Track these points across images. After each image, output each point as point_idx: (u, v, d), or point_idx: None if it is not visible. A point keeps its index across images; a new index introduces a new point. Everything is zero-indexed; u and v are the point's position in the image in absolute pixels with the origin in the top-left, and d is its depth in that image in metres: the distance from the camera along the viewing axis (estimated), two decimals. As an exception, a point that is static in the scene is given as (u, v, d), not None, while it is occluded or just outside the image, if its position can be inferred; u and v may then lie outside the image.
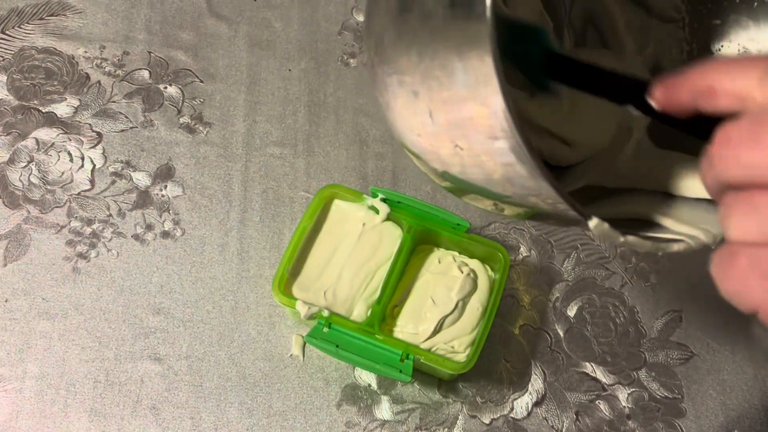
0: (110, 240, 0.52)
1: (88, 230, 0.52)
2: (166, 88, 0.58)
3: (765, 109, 0.20)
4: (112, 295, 0.50)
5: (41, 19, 0.60)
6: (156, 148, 0.56)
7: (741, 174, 0.20)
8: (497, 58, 0.23)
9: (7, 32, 0.59)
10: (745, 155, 0.20)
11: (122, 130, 0.56)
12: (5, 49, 0.58)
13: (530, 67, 0.35)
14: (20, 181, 0.53)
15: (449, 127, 0.28)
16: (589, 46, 0.41)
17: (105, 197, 0.53)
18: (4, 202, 0.52)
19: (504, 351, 0.50)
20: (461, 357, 0.45)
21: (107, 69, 0.58)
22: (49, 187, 0.53)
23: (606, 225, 0.26)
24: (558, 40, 0.40)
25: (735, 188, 0.21)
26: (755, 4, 0.35)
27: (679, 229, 0.31)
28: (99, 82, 0.57)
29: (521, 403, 0.49)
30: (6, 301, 0.49)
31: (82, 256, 0.51)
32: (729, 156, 0.21)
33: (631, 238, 0.27)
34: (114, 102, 0.57)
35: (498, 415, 0.48)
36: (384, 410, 0.48)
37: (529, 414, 0.49)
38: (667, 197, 0.37)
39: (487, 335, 0.45)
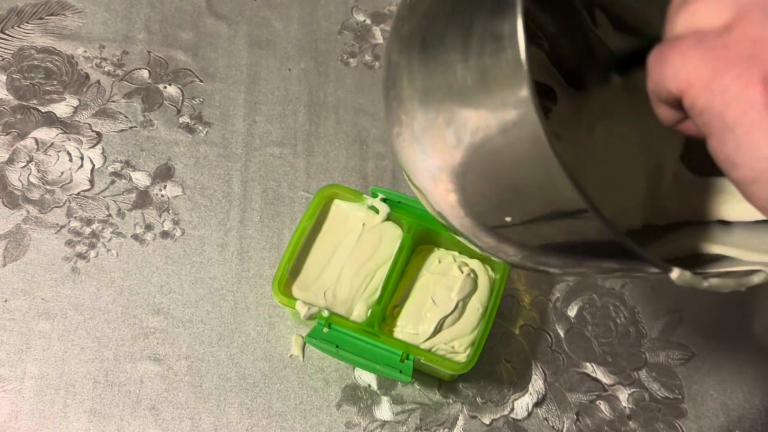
0: (110, 240, 0.52)
1: (87, 230, 0.52)
2: (165, 87, 0.58)
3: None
4: (112, 296, 0.50)
5: (41, 18, 0.60)
6: (155, 147, 0.55)
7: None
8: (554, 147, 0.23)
9: (6, 32, 0.59)
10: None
11: (122, 130, 0.56)
12: (5, 48, 0.58)
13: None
14: (19, 181, 0.53)
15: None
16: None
17: (104, 197, 0.53)
18: (3, 202, 0.52)
19: (504, 351, 0.50)
20: (461, 357, 0.45)
21: (107, 68, 0.58)
22: (48, 187, 0.53)
23: (688, 274, 0.26)
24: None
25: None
26: None
27: (749, 257, 0.31)
28: (98, 81, 0.57)
29: (522, 404, 0.49)
30: (5, 301, 0.49)
31: (81, 256, 0.51)
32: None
33: (714, 281, 0.26)
34: (113, 102, 0.57)
35: (498, 416, 0.48)
36: (384, 411, 0.48)
37: (529, 414, 0.49)
38: (724, 225, 0.35)
39: (488, 335, 0.44)
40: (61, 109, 0.56)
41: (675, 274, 0.26)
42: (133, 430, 0.46)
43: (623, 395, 0.50)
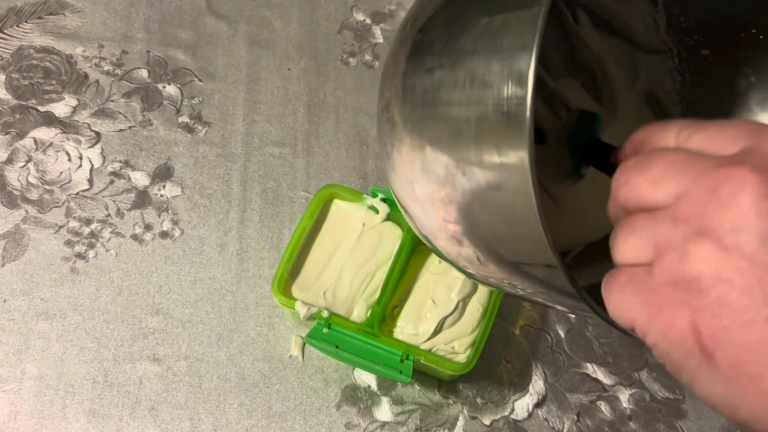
0: (109, 240, 0.52)
1: (86, 230, 0.52)
2: (164, 87, 0.58)
3: (662, 149, 0.23)
4: (111, 296, 0.50)
5: (40, 18, 0.60)
6: (155, 147, 0.55)
7: (627, 196, 0.23)
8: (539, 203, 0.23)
9: (5, 31, 0.59)
10: (633, 179, 0.22)
11: (121, 130, 0.56)
12: (3, 48, 0.58)
13: (574, 152, 0.35)
14: (18, 180, 0.53)
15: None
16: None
17: (103, 197, 0.53)
18: (2, 202, 0.52)
19: (505, 352, 0.50)
20: (462, 358, 0.45)
21: (106, 68, 0.58)
22: (47, 187, 0.53)
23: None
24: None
25: (627, 213, 0.23)
26: (741, 34, 0.35)
27: None
28: (97, 81, 0.57)
29: (522, 404, 0.49)
30: (4, 301, 0.49)
31: (80, 256, 0.51)
32: (621, 180, 0.23)
33: None
34: (112, 101, 0.57)
35: (498, 416, 0.48)
36: (384, 411, 0.48)
37: (529, 415, 0.49)
38: None
39: (488, 336, 0.44)
40: (60, 108, 0.56)
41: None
42: (132, 431, 0.46)
43: (624, 396, 0.49)
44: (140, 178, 0.54)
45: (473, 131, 0.25)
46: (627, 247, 0.22)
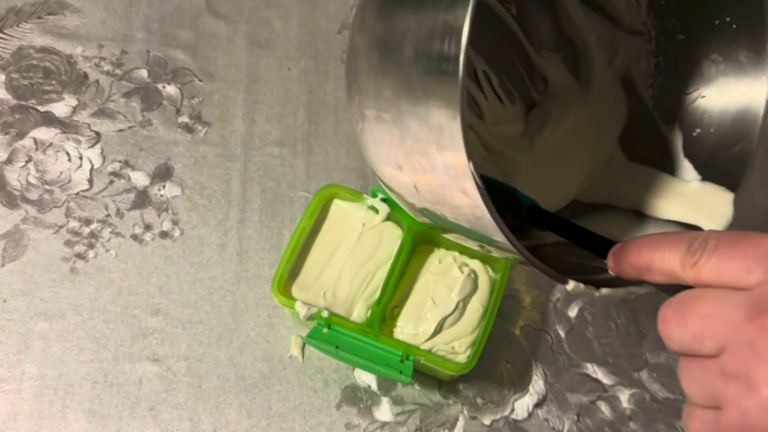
0: (108, 240, 0.52)
1: (86, 230, 0.52)
2: (164, 87, 0.58)
3: (689, 294, 0.25)
4: (111, 296, 0.50)
5: (39, 18, 0.60)
6: (154, 147, 0.55)
7: (678, 348, 0.26)
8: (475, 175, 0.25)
9: (5, 31, 0.59)
10: (677, 335, 0.25)
11: (120, 130, 0.56)
12: (3, 48, 0.58)
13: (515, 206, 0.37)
14: (18, 180, 0.53)
15: (433, 200, 0.29)
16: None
17: (103, 197, 0.53)
18: (2, 202, 0.52)
19: (505, 352, 0.50)
20: (462, 358, 0.45)
21: (106, 68, 0.58)
22: (47, 187, 0.53)
23: (582, 285, 0.29)
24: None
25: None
26: (716, 22, 0.35)
27: None
28: (97, 81, 0.57)
29: (522, 405, 0.49)
30: (4, 301, 0.49)
31: (80, 256, 0.51)
32: (667, 335, 0.26)
33: (605, 291, 0.30)
34: (112, 101, 0.57)
35: (499, 417, 0.48)
36: (384, 411, 0.48)
37: (530, 415, 0.49)
38: (641, 218, 0.37)
39: (488, 336, 0.44)
40: (60, 108, 0.56)
41: (570, 285, 0.29)
42: (132, 431, 0.46)
43: (624, 396, 0.49)
44: (140, 178, 0.54)
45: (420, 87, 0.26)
46: (692, 393, 0.26)
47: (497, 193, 0.35)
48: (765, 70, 0.34)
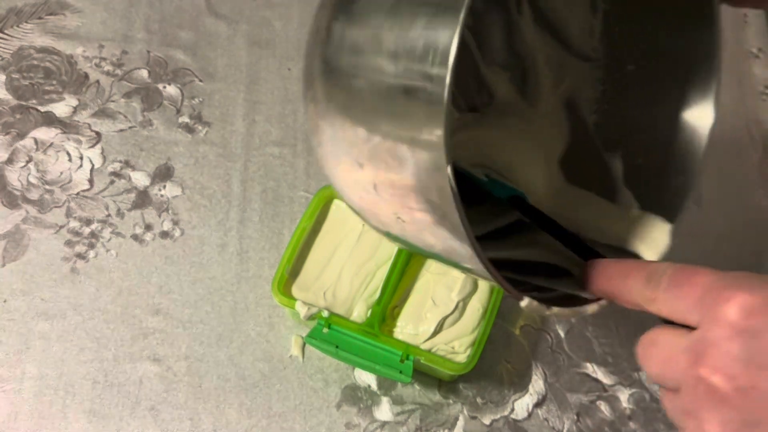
0: (109, 240, 0.52)
1: (86, 230, 0.52)
2: (165, 87, 0.58)
3: (648, 338, 0.28)
4: (111, 296, 0.50)
5: (40, 18, 0.60)
6: (155, 147, 0.55)
7: (654, 381, 0.29)
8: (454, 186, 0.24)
9: (5, 31, 0.59)
10: (648, 369, 0.28)
11: (121, 130, 0.56)
12: (4, 48, 0.58)
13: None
14: (19, 180, 0.53)
15: (393, 202, 0.29)
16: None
17: (104, 197, 0.53)
18: (2, 202, 0.52)
19: (505, 352, 0.50)
20: (462, 358, 0.45)
21: (106, 68, 0.58)
22: (47, 187, 0.53)
23: (535, 303, 0.29)
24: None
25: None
26: (666, 54, 0.35)
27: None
28: (98, 81, 0.57)
29: (522, 404, 0.49)
30: (4, 301, 0.49)
31: (80, 256, 0.51)
32: (644, 370, 0.28)
33: (555, 310, 0.30)
34: (113, 101, 0.57)
35: (498, 416, 0.48)
36: (384, 411, 0.48)
37: (529, 415, 0.49)
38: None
39: (488, 336, 0.44)
40: (61, 108, 0.56)
41: (524, 303, 0.29)
42: (132, 431, 0.46)
43: (624, 396, 0.49)
44: (140, 179, 0.54)
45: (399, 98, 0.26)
46: (670, 417, 0.27)
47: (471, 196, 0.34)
48: (710, 106, 0.34)
